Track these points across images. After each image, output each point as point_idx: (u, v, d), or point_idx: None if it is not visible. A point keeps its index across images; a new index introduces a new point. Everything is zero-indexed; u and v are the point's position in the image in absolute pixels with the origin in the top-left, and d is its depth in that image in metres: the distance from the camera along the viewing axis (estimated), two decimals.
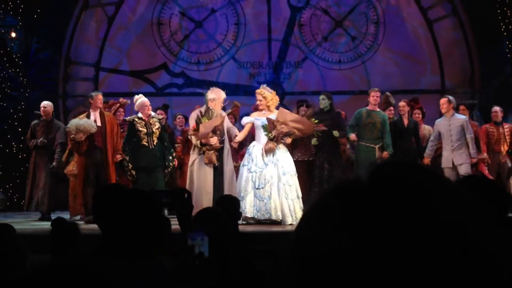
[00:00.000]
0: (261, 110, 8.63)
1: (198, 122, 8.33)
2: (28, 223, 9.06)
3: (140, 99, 8.80)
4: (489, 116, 10.15)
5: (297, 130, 8.42)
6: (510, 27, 12.51)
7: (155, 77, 13.57)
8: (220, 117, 8.39)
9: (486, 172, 9.22)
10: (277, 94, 13.26)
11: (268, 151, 8.31)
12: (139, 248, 1.97)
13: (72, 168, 9.19)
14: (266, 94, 8.61)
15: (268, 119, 8.41)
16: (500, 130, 9.71)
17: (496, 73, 12.93)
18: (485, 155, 9.44)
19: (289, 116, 8.56)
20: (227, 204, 4.51)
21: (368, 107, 9.30)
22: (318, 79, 13.47)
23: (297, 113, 9.50)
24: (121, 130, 9.17)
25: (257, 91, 8.74)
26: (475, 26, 13.08)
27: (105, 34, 13.43)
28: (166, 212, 9.20)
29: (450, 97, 9.22)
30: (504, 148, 9.64)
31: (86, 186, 8.58)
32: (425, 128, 10.24)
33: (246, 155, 8.56)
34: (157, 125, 8.70)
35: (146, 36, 13.52)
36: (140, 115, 8.70)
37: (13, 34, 12.31)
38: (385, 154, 8.97)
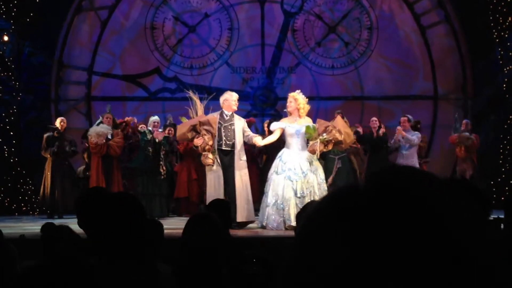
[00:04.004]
0: (290, 113, 8.46)
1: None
2: (20, 227, 9.01)
3: (151, 118, 10.86)
4: (479, 123, 11.47)
5: (344, 141, 8.36)
6: (503, 34, 12.57)
7: (148, 81, 13.56)
8: (200, 117, 8.42)
9: None
10: (269, 99, 13.49)
11: (312, 152, 8.15)
12: (129, 251, 1.96)
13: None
14: (298, 97, 8.45)
15: (319, 121, 8.35)
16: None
17: (489, 80, 12.99)
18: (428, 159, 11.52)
19: (344, 126, 8.55)
20: (218, 209, 4.49)
21: None
22: (311, 85, 13.48)
23: None
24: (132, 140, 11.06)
25: (290, 94, 8.64)
26: (467, 32, 13.15)
27: (98, 38, 13.41)
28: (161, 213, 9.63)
29: (409, 116, 10.80)
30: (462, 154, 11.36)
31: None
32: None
33: (279, 162, 8.27)
34: (160, 137, 10.53)
35: (139, 40, 13.51)
36: (150, 128, 10.66)
37: (6, 38, 12.27)
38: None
